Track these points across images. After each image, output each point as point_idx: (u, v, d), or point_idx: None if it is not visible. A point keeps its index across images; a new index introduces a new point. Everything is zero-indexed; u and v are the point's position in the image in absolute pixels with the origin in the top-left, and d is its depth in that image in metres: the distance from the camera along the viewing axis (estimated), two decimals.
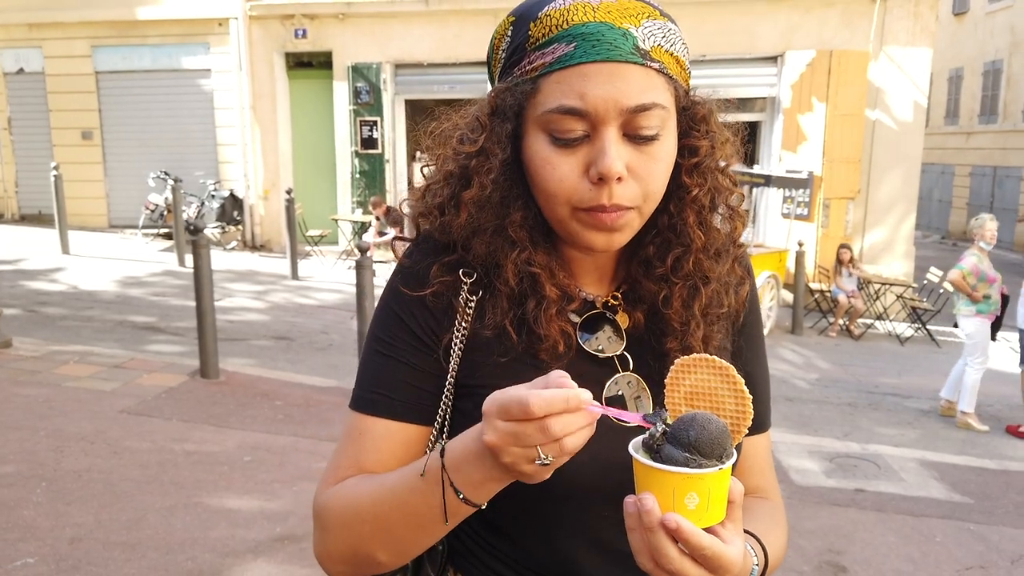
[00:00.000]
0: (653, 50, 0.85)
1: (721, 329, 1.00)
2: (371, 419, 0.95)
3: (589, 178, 0.85)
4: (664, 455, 0.74)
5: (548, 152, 0.86)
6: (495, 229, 0.92)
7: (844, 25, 10.97)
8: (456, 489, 0.80)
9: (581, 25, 0.84)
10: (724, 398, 0.78)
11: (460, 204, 0.93)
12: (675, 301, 0.95)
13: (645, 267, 0.96)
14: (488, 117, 0.91)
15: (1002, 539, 4.28)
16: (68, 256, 10.68)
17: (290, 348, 7.15)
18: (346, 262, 11.42)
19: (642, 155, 0.86)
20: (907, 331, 10.08)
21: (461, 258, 0.95)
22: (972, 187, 22.36)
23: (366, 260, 5.44)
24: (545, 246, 0.94)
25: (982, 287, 6.54)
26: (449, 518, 0.82)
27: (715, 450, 0.73)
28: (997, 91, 21.36)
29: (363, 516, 0.89)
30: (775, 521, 1.02)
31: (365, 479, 0.92)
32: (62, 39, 12.84)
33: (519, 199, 0.92)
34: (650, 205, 0.90)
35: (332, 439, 4.67)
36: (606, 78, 0.83)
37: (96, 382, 5.45)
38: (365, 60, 12.14)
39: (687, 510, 0.73)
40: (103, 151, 13.27)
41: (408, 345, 0.96)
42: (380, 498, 0.88)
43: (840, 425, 6.29)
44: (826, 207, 10.96)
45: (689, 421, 0.74)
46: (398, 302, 0.97)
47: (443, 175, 0.96)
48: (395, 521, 0.86)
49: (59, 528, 3.46)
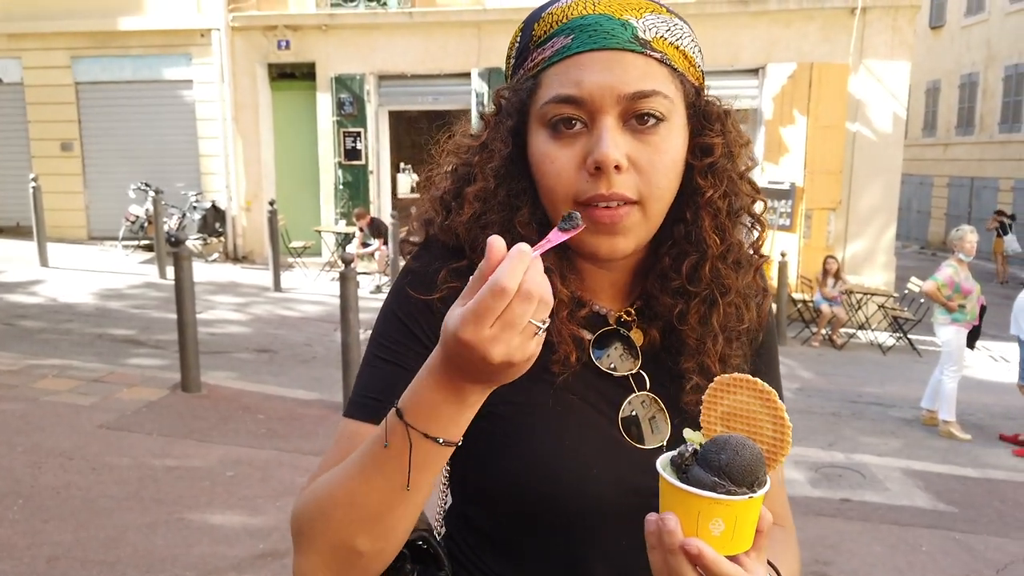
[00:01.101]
0: (655, 40, 0.84)
1: (741, 347, 0.95)
2: (364, 424, 0.88)
3: (587, 168, 0.83)
4: (692, 476, 0.71)
5: (547, 146, 0.85)
6: (502, 226, 0.89)
7: (824, 39, 11.11)
8: (433, 437, 0.73)
9: (580, 18, 0.84)
10: (763, 423, 0.75)
11: (464, 200, 0.91)
12: (691, 316, 0.91)
13: (661, 280, 0.92)
14: (492, 116, 0.91)
15: (987, 548, 4.29)
16: (47, 268, 10.55)
17: (273, 361, 7.08)
18: (329, 274, 11.37)
19: (644, 145, 0.83)
20: (889, 340, 10.16)
21: (471, 263, 0.91)
22: (950, 198, 22.66)
23: (350, 272, 5.40)
24: (555, 249, 0.90)
25: (957, 298, 6.61)
26: (419, 473, 0.74)
27: (747, 478, 0.70)
28: (974, 103, 21.70)
29: (336, 500, 0.80)
30: (789, 548, 0.99)
31: (337, 467, 0.84)
32: (41, 50, 12.72)
33: (526, 197, 0.90)
34: (655, 204, 0.86)
35: (316, 453, 4.62)
36: (603, 65, 0.82)
37: (74, 396, 5.36)
38: (348, 71, 12.12)
39: (711, 535, 0.70)
40: (83, 162, 13.14)
41: (410, 351, 0.91)
42: (349, 475, 0.80)
43: (824, 435, 6.31)
44: (808, 218, 11.04)
45: (722, 444, 0.71)
46: (403, 307, 0.93)
47: (449, 174, 0.96)
48: (367, 494, 0.78)
49: (36, 546, 3.38)
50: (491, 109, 0.92)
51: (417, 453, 0.73)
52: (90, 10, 12.32)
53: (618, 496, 0.87)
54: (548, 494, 0.86)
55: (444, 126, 1.00)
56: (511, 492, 0.88)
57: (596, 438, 0.86)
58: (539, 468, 0.86)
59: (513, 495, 0.88)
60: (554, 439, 0.87)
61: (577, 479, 0.86)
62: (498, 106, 0.91)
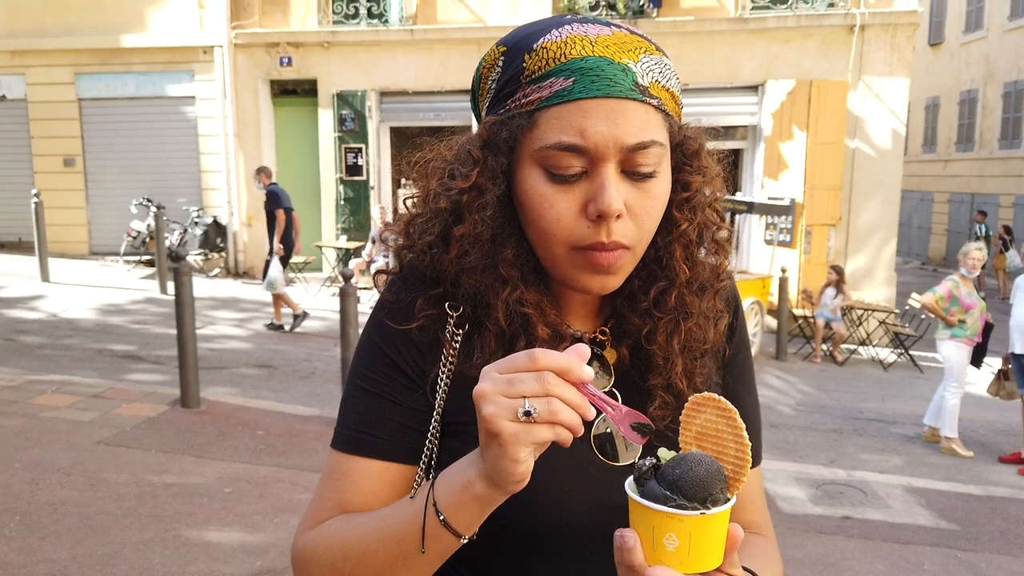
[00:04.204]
0: (651, 86, 0.84)
1: (706, 365, 0.97)
2: (354, 458, 0.92)
3: (587, 215, 0.83)
4: (646, 490, 0.72)
5: (545, 189, 0.84)
6: (485, 266, 0.89)
7: (823, 56, 11.17)
8: (437, 510, 0.77)
9: (580, 59, 0.82)
10: (727, 442, 0.75)
11: (450, 240, 0.90)
12: (659, 336, 0.93)
13: (630, 301, 0.94)
14: (480, 151, 0.88)
15: (989, 567, 4.26)
16: (48, 284, 10.56)
17: (272, 376, 7.07)
18: (330, 289, 11.37)
19: (640, 192, 0.84)
20: (890, 356, 10.14)
21: (447, 291, 0.93)
22: (951, 214, 22.68)
23: (350, 287, 5.40)
24: (536, 284, 0.91)
25: (957, 312, 6.60)
26: (429, 543, 0.79)
27: (699, 493, 0.70)
28: (973, 119, 21.77)
29: (348, 554, 0.85)
30: (770, 557, 0.99)
31: (350, 517, 0.89)
32: (45, 66, 12.81)
33: (511, 236, 0.89)
34: (643, 245, 0.88)
35: (315, 469, 4.60)
36: (606, 115, 0.81)
37: (73, 412, 5.35)
38: (350, 88, 12.19)
39: (665, 551, 0.70)
40: (85, 178, 13.19)
41: (393, 381, 0.92)
42: (366, 534, 0.85)
43: (826, 451, 6.28)
44: (808, 234, 11.06)
45: (679, 460, 0.72)
46: (382, 336, 0.94)
47: (433, 211, 0.93)
48: (380, 556, 0.83)
49: (32, 564, 3.36)
50: (477, 142, 0.89)
51: (429, 514, 0.79)
52: (94, 27, 12.42)
53: (592, 513, 0.87)
54: (522, 513, 0.86)
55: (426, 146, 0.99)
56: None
57: (569, 456, 0.85)
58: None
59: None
60: None
61: (550, 497, 0.87)
62: (487, 141, 0.88)
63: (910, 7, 11.14)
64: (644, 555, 0.72)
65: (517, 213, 0.89)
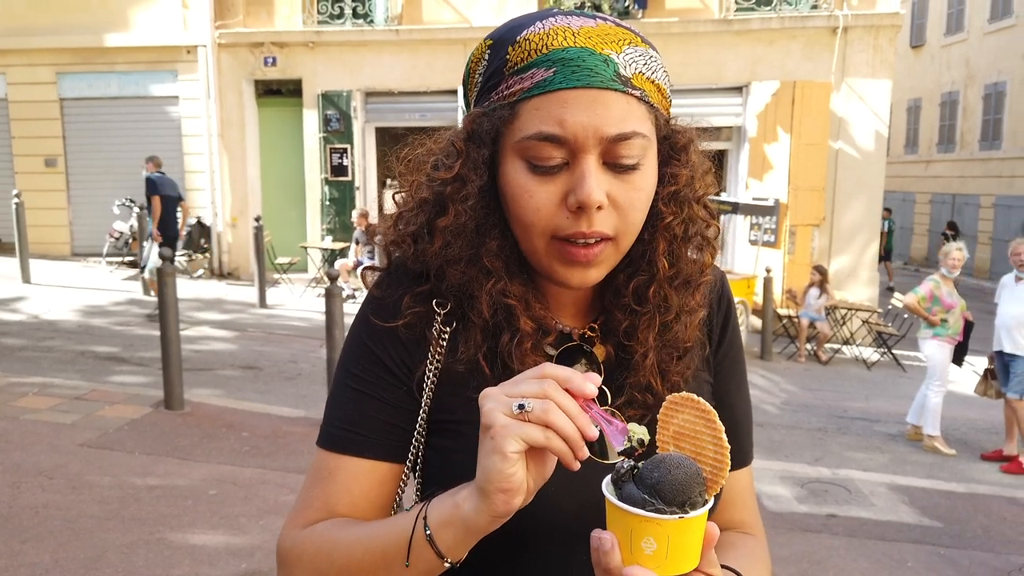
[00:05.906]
0: (635, 77, 0.83)
1: (690, 363, 0.96)
2: (341, 457, 0.91)
3: (568, 207, 0.82)
4: (625, 493, 0.71)
5: (525, 180, 0.84)
6: (470, 258, 0.89)
7: (807, 57, 11.25)
8: (426, 524, 0.77)
9: (561, 50, 0.82)
10: (705, 443, 0.74)
11: (434, 231, 0.90)
12: (640, 332, 0.92)
13: (615, 296, 0.93)
14: (464, 143, 0.88)
15: (972, 563, 4.30)
16: (29, 285, 10.45)
17: (258, 378, 7.03)
18: (315, 290, 11.32)
19: (623, 184, 0.83)
20: (873, 356, 10.22)
21: (434, 288, 0.92)
22: (932, 214, 22.91)
23: (335, 288, 5.38)
24: (521, 276, 0.91)
25: (939, 311, 6.67)
26: (413, 558, 0.79)
27: (678, 497, 0.69)
28: (954, 121, 21.99)
29: (335, 562, 0.85)
30: (756, 557, 0.99)
31: (340, 525, 0.88)
32: (26, 66, 12.67)
33: (495, 227, 0.89)
34: (628, 238, 0.87)
35: (300, 471, 4.58)
36: (586, 105, 0.80)
37: (56, 414, 5.29)
38: (335, 88, 12.15)
39: (643, 554, 0.70)
40: (67, 178, 13.06)
41: (379, 379, 0.92)
42: (354, 541, 0.84)
43: (811, 450, 6.32)
44: (792, 234, 11.14)
45: (658, 462, 0.71)
46: (369, 334, 0.94)
47: (417, 202, 0.93)
48: (366, 564, 0.83)
49: (14, 568, 3.33)
50: (462, 134, 0.89)
51: (425, 563, 0.80)
52: (76, 26, 12.30)
53: (577, 512, 0.87)
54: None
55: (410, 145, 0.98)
56: None
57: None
58: None
59: None
60: None
61: (537, 496, 0.86)
62: (470, 133, 0.88)
63: (892, 9, 11.24)
64: (621, 557, 0.71)
65: (501, 206, 0.89)
